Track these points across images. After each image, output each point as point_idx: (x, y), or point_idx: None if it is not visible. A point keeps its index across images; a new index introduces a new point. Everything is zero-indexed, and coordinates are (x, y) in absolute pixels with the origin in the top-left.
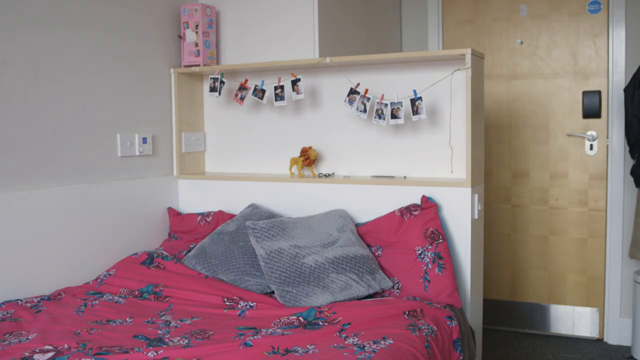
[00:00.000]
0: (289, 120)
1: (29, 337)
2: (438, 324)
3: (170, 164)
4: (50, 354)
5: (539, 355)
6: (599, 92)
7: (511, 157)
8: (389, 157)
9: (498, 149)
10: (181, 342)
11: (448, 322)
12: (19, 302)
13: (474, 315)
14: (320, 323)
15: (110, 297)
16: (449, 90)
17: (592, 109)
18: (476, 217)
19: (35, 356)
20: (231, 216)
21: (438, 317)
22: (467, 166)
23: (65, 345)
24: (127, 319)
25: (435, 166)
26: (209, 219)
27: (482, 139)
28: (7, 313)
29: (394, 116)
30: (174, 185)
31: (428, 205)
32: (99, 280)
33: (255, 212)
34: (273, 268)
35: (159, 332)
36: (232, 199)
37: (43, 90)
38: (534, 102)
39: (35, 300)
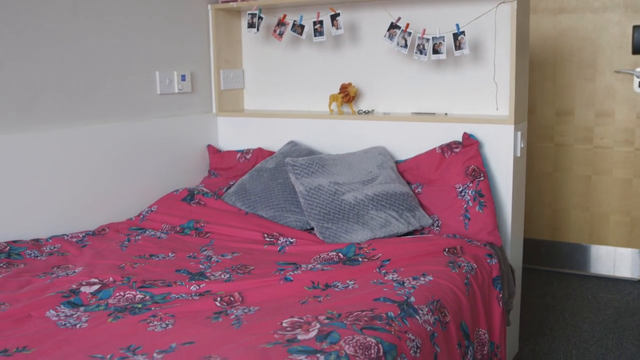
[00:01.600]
0: (328, 56)
1: (76, 270)
2: (478, 261)
3: (209, 102)
4: (96, 287)
5: (578, 295)
6: None
7: (555, 94)
8: (430, 93)
9: (542, 86)
10: (222, 276)
11: (488, 260)
12: (65, 237)
13: (514, 254)
14: (360, 259)
15: (152, 233)
16: (493, 25)
17: None
18: (518, 155)
19: (82, 288)
20: (270, 153)
21: (478, 255)
22: (511, 103)
23: (111, 279)
24: (170, 253)
25: (477, 103)
26: (248, 156)
27: (527, 75)
28: (55, 247)
29: (435, 51)
30: (213, 123)
31: (469, 143)
32: (141, 217)
33: (295, 149)
34: (312, 205)
35: (201, 266)
36: (271, 136)
37: (81, 27)
38: (581, 37)
39: (81, 236)
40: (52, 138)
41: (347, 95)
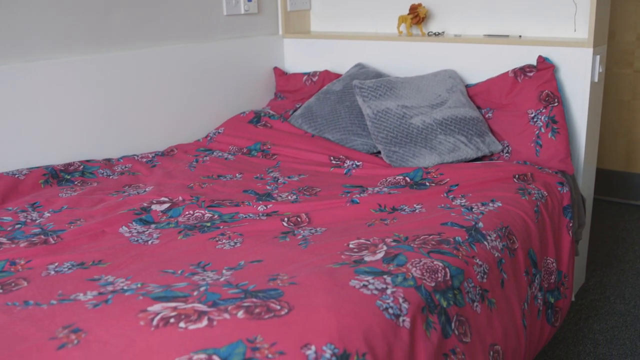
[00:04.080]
0: None
1: (146, 189)
2: (549, 189)
3: (275, 23)
4: (167, 205)
5: None
6: None
7: (638, 17)
8: (503, 14)
9: (623, 8)
10: (289, 197)
11: (559, 188)
12: (135, 157)
13: (586, 184)
14: (427, 184)
15: (220, 154)
16: None
17: None
18: (596, 80)
19: (153, 206)
20: (337, 76)
21: (549, 183)
22: (590, 25)
23: (180, 198)
24: (237, 174)
25: (553, 25)
26: (314, 79)
27: None
28: (126, 167)
29: None
30: (280, 45)
31: (544, 67)
32: (209, 138)
33: (362, 72)
34: (380, 128)
35: (268, 187)
36: (338, 59)
37: None
38: None
39: (150, 156)
40: (121, 60)
41: (417, 16)
